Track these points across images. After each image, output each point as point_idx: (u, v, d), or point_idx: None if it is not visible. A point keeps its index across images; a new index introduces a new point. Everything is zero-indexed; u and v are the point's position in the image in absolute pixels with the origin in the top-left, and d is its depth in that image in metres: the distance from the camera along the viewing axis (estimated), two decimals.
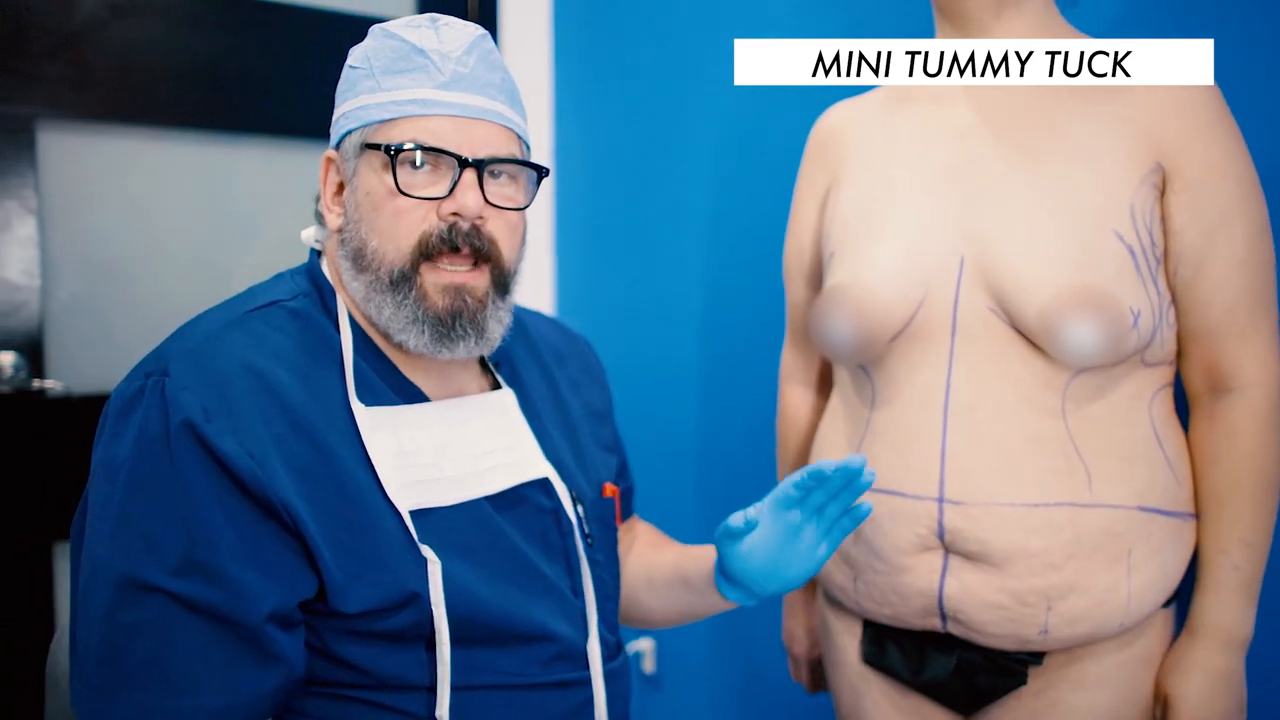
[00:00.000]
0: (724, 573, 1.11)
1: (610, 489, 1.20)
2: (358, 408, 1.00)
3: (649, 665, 2.09)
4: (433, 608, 0.97)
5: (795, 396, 1.44)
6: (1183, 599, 1.20)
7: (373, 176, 1.01)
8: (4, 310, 1.75)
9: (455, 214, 0.99)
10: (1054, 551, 1.10)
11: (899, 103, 1.27)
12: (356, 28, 2.02)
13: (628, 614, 1.28)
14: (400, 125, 1.00)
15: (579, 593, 1.10)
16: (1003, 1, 1.16)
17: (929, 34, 1.38)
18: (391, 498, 0.98)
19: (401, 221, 0.99)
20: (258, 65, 1.94)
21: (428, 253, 0.99)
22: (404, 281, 1.00)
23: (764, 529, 1.05)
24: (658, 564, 1.24)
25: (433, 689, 0.99)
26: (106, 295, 1.87)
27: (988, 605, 1.13)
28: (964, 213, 1.16)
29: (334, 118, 1.06)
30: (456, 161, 0.99)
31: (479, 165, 1.00)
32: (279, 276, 1.11)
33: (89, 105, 1.81)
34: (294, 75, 1.97)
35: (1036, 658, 1.16)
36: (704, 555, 1.18)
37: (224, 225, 1.98)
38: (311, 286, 1.07)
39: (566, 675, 1.05)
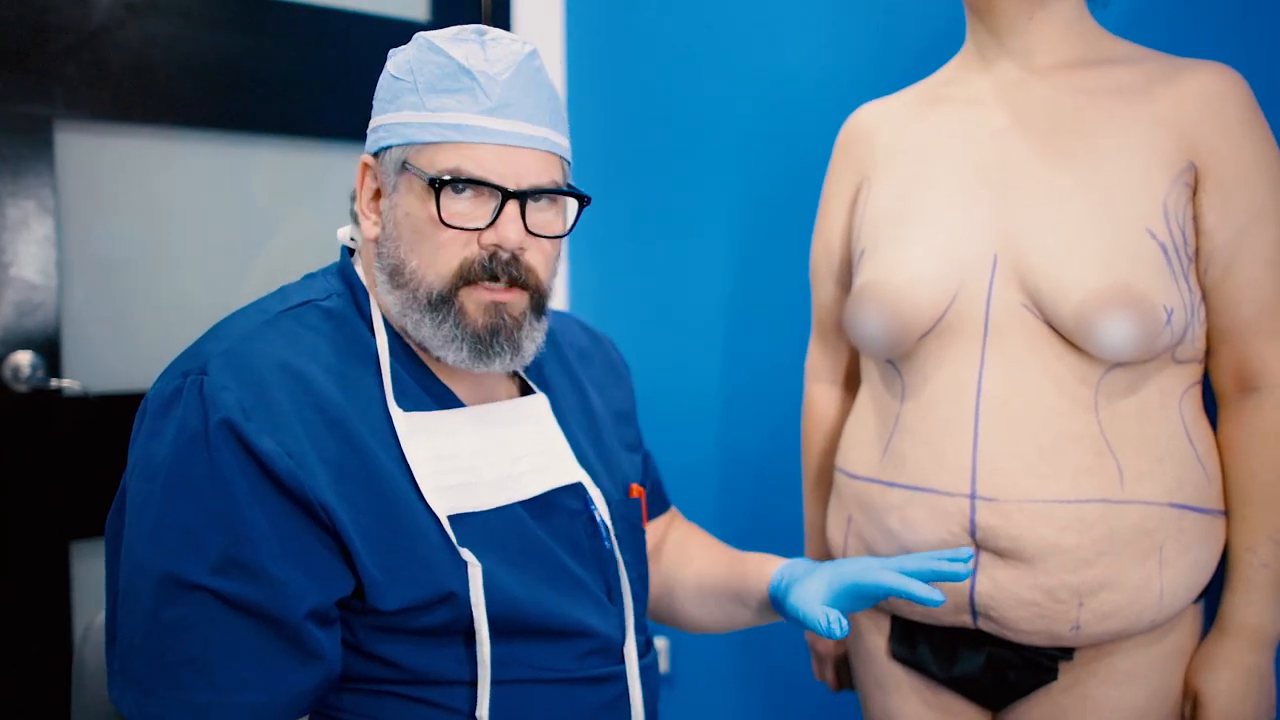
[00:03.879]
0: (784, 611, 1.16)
1: (636, 490, 1.20)
2: (396, 412, 1.00)
3: (662, 664, 2.09)
4: (473, 609, 0.98)
5: (821, 394, 1.45)
6: (1211, 594, 1.20)
7: (413, 199, 1.00)
8: (21, 310, 1.75)
9: (496, 244, 1.00)
10: (1086, 548, 1.11)
11: (930, 103, 1.28)
12: (373, 28, 2.05)
13: (673, 616, 1.29)
14: (444, 150, 0.99)
15: (613, 593, 1.11)
16: (1035, 1, 1.17)
17: (952, 34, 1.39)
18: (429, 501, 0.99)
19: (443, 249, 1.00)
20: (275, 65, 1.95)
21: (468, 279, 1.00)
22: (443, 303, 1.00)
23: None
24: (709, 575, 1.25)
25: (470, 683, 1.00)
26: (124, 295, 1.87)
27: (1020, 602, 1.13)
28: (998, 211, 1.17)
29: (372, 124, 1.05)
30: (499, 192, 0.99)
31: (521, 196, 1.00)
32: (310, 276, 1.11)
33: (106, 105, 1.81)
34: (311, 75, 1.98)
35: (1067, 653, 1.17)
36: (759, 573, 1.20)
37: (241, 225, 1.98)
38: (345, 287, 1.08)
39: (602, 670, 1.07)
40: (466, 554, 0.98)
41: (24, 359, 1.74)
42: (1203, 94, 1.12)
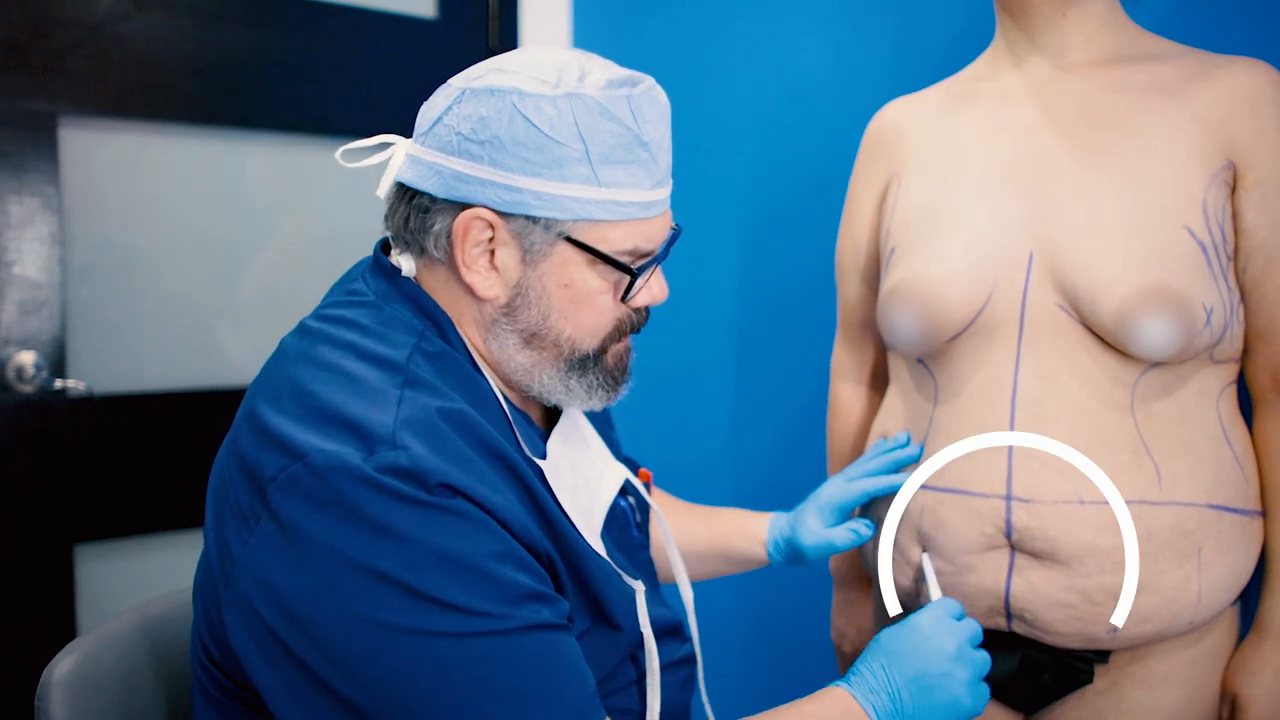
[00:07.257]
0: (801, 555, 1.25)
1: (645, 473, 1.21)
2: (539, 461, 0.99)
3: None
4: (642, 630, 1.00)
5: (847, 393, 1.44)
6: (1249, 597, 1.20)
7: (573, 271, 0.95)
8: (25, 309, 1.72)
9: (650, 304, 1.02)
10: (1123, 549, 1.09)
11: (960, 100, 1.27)
12: (379, 24, 2.02)
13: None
14: (619, 228, 0.95)
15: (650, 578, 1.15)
16: None
17: (968, 34, 1.38)
18: (589, 541, 0.98)
19: (602, 316, 0.99)
20: (280, 61, 1.92)
21: (620, 336, 1.01)
22: (594, 362, 1.00)
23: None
24: (685, 537, 1.30)
25: (628, 687, 1.02)
26: (128, 294, 1.84)
27: (1055, 604, 1.12)
28: (1032, 210, 1.15)
29: (503, 182, 0.92)
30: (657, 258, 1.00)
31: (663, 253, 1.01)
32: (361, 304, 0.99)
33: (110, 101, 1.78)
34: (317, 71, 1.95)
35: (1103, 656, 1.16)
36: (744, 532, 1.28)
37: (245, 222, 1.95)
38: (426, 321, 0.98)
39: (681, 652, 1.10)
40: (635, 583, 1.00)
41: (28, 359, 1.71)
42: (1240, 91, 1.11)
